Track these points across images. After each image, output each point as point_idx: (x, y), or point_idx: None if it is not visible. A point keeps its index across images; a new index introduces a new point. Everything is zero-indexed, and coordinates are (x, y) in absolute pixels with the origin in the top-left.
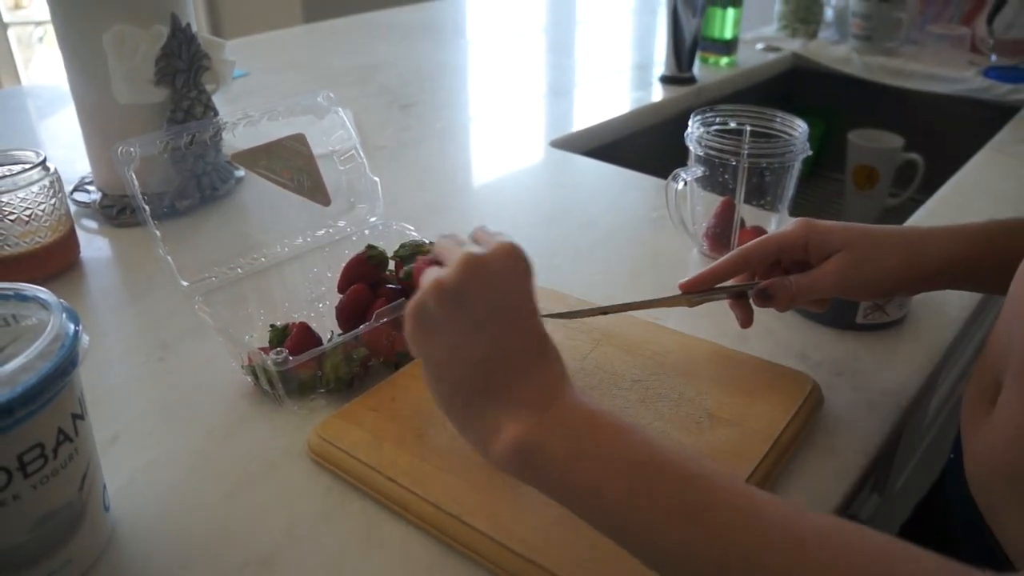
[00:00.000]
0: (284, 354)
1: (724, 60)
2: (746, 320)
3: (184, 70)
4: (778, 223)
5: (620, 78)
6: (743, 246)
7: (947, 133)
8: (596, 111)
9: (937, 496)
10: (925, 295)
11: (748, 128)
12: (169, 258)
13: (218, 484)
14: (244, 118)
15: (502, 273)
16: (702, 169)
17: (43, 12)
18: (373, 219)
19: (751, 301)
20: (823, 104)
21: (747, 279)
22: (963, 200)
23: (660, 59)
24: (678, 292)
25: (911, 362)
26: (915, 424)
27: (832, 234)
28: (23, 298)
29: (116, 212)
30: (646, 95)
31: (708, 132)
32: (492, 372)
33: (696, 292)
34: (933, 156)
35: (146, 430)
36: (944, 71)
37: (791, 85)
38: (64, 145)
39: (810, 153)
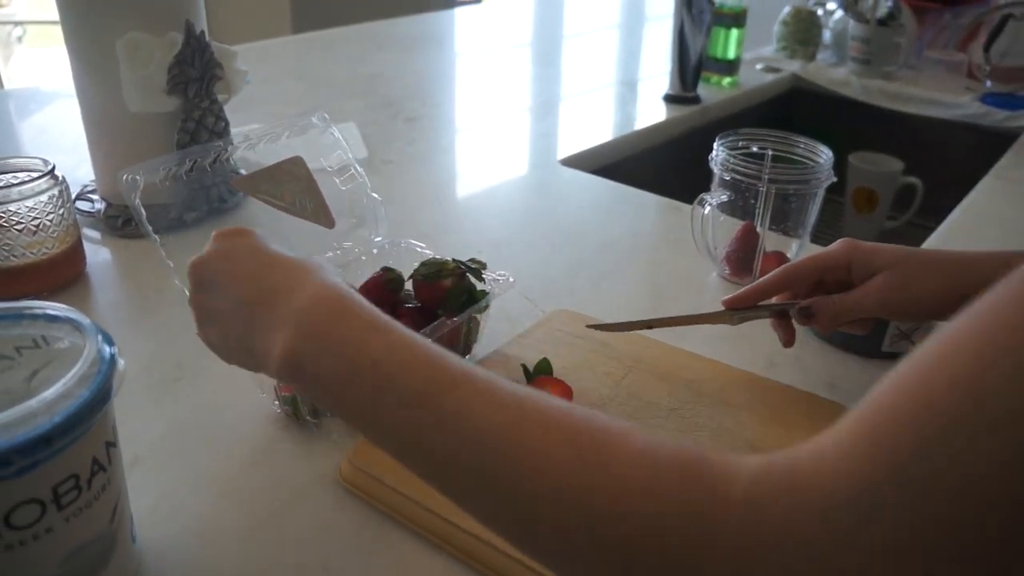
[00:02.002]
0: None
1: (726, 80)
2: (788, 339)
3: (197, 79)
4: (799, 249)
5: (619, 95)
6: (787, 264)
7: (945, 157)
8: (599, 129)
9: None
10: None
11: (770, 152)
12: (178, 282)
13: (246, 513)
14: (245, 141)
15: (219, 259)
16: (728, 194)
17: (23, 11)
18: (378, 239)
19: (793, 320)
20: (822, 126)
21: (789, 299)
22: (972, 228)
23: (647, 75)
24: (720, 308)
25: None
26: None
27: (875, 254)
28: (52, 318)
29: (121, 223)
30: (649, 114)
31: (733, 156)
32: (249, 315)
33: (739, 309)
34: (930, 180)
35: (166, 454)
36: (942, 96)
37: (791, 106)
38: (62, 151)
39: (835, 180)
